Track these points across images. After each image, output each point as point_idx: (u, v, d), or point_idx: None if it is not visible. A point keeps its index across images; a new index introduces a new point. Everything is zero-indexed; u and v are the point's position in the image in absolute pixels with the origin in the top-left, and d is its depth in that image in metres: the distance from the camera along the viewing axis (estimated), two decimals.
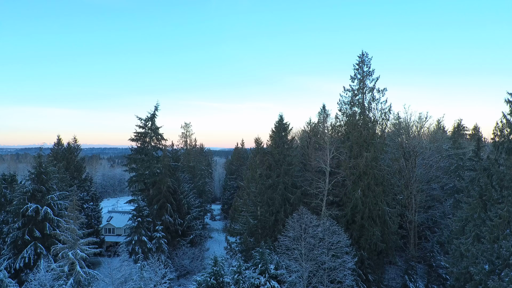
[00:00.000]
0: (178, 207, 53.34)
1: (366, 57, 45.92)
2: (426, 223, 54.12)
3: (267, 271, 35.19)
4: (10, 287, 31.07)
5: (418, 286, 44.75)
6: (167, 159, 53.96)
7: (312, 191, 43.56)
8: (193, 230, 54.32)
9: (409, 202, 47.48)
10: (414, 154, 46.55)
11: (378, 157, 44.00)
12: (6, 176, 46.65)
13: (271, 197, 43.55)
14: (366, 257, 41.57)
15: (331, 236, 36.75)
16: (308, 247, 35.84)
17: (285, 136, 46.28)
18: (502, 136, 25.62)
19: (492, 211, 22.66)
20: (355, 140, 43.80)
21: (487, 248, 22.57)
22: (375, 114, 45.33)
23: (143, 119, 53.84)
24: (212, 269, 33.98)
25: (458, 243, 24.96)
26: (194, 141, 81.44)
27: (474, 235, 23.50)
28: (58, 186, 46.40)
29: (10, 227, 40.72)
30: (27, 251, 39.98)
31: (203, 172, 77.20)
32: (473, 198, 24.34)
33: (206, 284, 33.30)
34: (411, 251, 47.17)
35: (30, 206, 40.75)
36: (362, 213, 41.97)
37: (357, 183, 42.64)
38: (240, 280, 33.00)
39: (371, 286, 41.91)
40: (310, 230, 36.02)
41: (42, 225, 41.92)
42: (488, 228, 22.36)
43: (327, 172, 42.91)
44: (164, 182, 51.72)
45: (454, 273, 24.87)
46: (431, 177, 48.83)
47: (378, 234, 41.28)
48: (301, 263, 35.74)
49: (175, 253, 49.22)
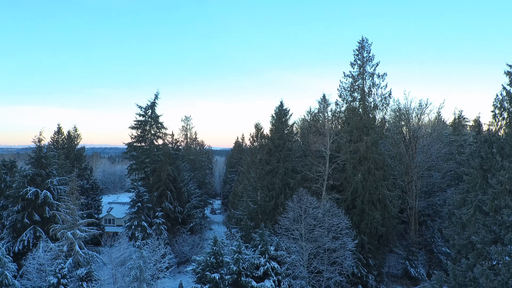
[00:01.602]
0: (178, 195, 53.24)
1: (366, 43, 45.95)
2: (426, 212, 53.93)
3: (267, 252, 35.01)
4: (8, 264, 30.93)
5: (419, 272, 44.54)
6: (168, 147, 53.92)
7: (312, 176, 43.45)
8: (193, 219, 54.18)
9: (410, 188, 47.33)
10: (415, 139, 46.46)
11: (378, 142, 43.93)
12: (6, 162, 46.62)
13: (271, 181, 43.45)
14: (367, 241, 41.35)
15: (331, 218, 36.63)
16: (308, 227, 35.72)
17: (285, 122, 46.23)
18: (502, 108, 25.55)
19: (494, 179, 22.55)
20: (355, 125, 43.73)
21: (489, 216, 22.46)
22: (375, 99, 45.30)
23: (143, 107, 53.87)
24: (212, 248, 33.82)
25: (459, 213, 24.80)
26: (194, 134, 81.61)
27: (476, 205, 23.37)
28: (58, 172, 46.35)
29: (9, 210, 40.61)
30: (26, 234, 39.85)
31: (203, 163, 77.18)
32: (474, 169, 24.24)
33: (205, 263, 33.15)
34: (412, 237, 46.96)
35: (29, 190, 40.68)
36: (363, 197, 41.81)
37: (357, 167, 42.51)
38: (240, 259, 32.81)
39: (372, 270, 41.67)
40: (310, 211, 35.92)
41: (41, 209, 41.82)
42: (489, 196, 22.23)
43: (327, 157, 42.81)
44: (164, 170, 51.65)
45: (456, 246, 24.70)
46: (431, 164, 48.68)
47: (378, 218, 41.11)
48: (301, 244, 35.62)
49: (175, 240, 49.07)
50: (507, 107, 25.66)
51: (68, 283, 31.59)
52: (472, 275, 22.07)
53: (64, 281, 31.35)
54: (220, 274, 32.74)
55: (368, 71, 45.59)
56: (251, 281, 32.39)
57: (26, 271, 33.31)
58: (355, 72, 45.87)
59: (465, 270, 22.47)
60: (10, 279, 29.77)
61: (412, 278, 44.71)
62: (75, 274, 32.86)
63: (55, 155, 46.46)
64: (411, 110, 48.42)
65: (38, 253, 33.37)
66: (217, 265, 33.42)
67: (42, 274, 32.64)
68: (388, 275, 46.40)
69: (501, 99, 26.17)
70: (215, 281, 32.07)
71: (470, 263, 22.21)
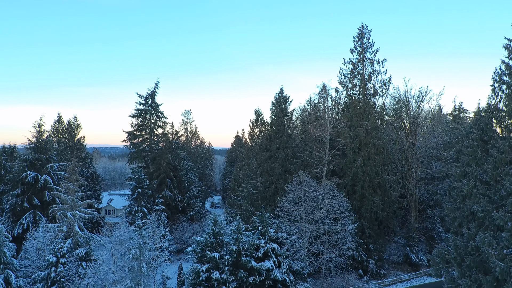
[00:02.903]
0: (178, 183, 53.14)
1: (366, 29, 46.06)
2: (427, 202, 53.79)
3: (267, 234, 34.80)
4: (7, 243, 30.83)
5: (420, 258, 44.36)
6: (168, 136, 53.88)
7: (312, 161, 43.39)
8: (193, 207, 54.02)
9: (410, 175, 47.23)
10: (415, 125, 46.42)
11: (378, 127, 43.94)
12: (6, 148, 46.58)
13: (271, 166, 43.38)
14: (367, 226, 41.25)
15: (331, 200, 36.54)
16: (308, 209, 35.63)
17: (285, 108, 46.21)
18: (501, 81, 25.52)
19: (494, 149, 22.49)
20: (355, 111, 43.75)
21: (490, 186, 22.38)
22: (375, 85, 45.35)
23: (143, 96, 53.91)
24: (212, 229, 33.68)
25: (460, 185, 24.72)
26: (194, 127, 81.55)
27: (476, 176, 23.29)
28: (58, 159, 46.32)
29: (9, 194, 40.57)
30: (25, 218, 39.80)
31: (203, 155, 77.15)
32: (473, 141, 24.18)
33: (205, 244, 33.00)
34: (412, 224, 46.80)
35: (29, 174, 40.67)
36: (363, 182, 41.75)
37: (357, 152, 42.48)
38: (240, 239, 32.63)
39: (372, 255, 41.53)
40: (310, 193, 35.83)
41: (41, 194, 41.80)
42: (490, 166, 22.16)
43: (327, 142, 42.75)
44: (165, 158, 51.60)
45: (457, 219, 24.57)
46: (431, 151, 48.59)
47: (378, 202, 41.03)
48: (301, 225, 35.50)
49: (175, 227, 48.92)
50: (506, 80, 25.65)
51: (67, 262, 31.50)
52: (474, 245, 21.96)
53: (63, 260, 31.28)
54: (220, 254, 32.61)
55: (368, 58, 45.67)
56: (251, 261, 32.20)
57: (25, 250, 33.18)
58: (354, 59, 45.96)
59: (466, 240, 22.37)
60: (8, 257, 29.64)
61: (413, 264, 44.53)
62: (75, 254, 32.76)
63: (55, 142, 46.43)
64: (411, 97, 48.42)
65: (37, 234, 33.27)
66: (217, 245, 33.28)
67: (41, 254, 32.55)
68: (389, 262, 46.22)
69: (500, 73, 26.13)
70: (214, 260, 31.91)
71: (471, 233, 22.10)
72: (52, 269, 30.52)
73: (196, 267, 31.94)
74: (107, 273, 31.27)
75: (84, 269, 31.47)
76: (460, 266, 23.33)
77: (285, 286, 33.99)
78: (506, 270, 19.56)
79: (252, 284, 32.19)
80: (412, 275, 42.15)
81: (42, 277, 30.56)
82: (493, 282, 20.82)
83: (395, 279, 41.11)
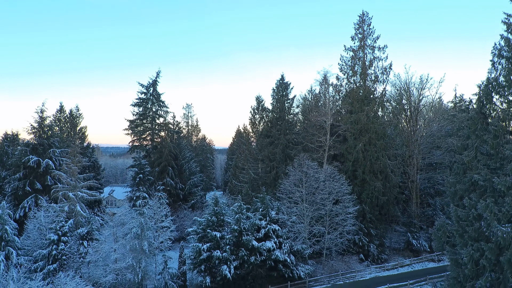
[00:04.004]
0: (179, 172, 53.21)
1: (367, 16, 46.25)
2: (428, 191, 53.76)
3: (268, 215, 34.85)
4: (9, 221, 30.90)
5: (421, 243, 44.27)
6: (169, 125, 54.03)
7: (313, 147, 43.43)
8: (194, 196, 54.06)
9: (411, 162, 47.23)
10: (415, 111, 46.50)
11: (379, 112, 44.06)
12: (8, 135, 46.78)
13: (272, 152, 43.46)
14: (368, 211, 41.20)
15: (332, 182, 36.59)
16: (309, 189, 35.65)
17: (286, 95, 46.35)
18: (500, 56, 25.57)
19: (494, 119, 22.52)
20: (356, 97, 43.85)
21: (490, 156, 22.39)
22: (376, 71, 45.47)
23: (145, 85, 54.08)
24: (213, 209, 33.78)
25: (460, 157, 24.74)
26: (196, 121, 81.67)
27: (477, 147, 23.33)
28: (60, 145, 46.45)
29: (11, 178, 40.72)
30: (27, 201, 39.92)
31: (205, 147, 77.34)
32: (474, 112, 24.30)
33: (207, 224, 33.07)
34: (414, 210, 46.74)
35: (31, 158, 40.85)
36: (363, 167, 41.77)
37: (358, 138, 42.54)
38: (241, 219, 32.66)
39: (373, 240, 41.46)
40: (311, 173, 35.87)
41: (43, 178, 41.96)
42: (490, 135, 22.17)
43: (327, 127, 42.81)
44: (166, 146, 51.73)
45: (458, 191, 24.60)
46: (432, 139, 48.60)
47: (379, 186, 41.01)
48: (302, 206, 35.49)
49: (176, 214, 48.91)
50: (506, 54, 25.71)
51: (68, 241, 31.54)
52: (476, 213, 21.93)
53: (64, 239, 31.33)
54: (221, 233, 32.66)
55: (368, 44, 45.82)
56: (252, 240, 32.23)
57: (26, 230, 33.27)
58: (355, 46, 46.10)
59: (468, 209, 22.36)
60: (10, 234, 29.72)
61: (414, 250, 44.41)
62: (76, 233, 32.81)
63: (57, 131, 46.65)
64: (412, 85, 48.50)
65: (39, 213, 33.37)
66: (218, 224, 33.36)
67: (42, 233, 32.61)
68: (390, 249, 46.10)
69: (499, 48, 26.18)
70: (216, 239, 31.97)
71: (473, 203, 22.10)
72: (53, 247, 30.56)
73: (198, 246, 32.01)
74: (109, 251, 31.34)
75: (85, 248, 31.51)
76: (462, 237, 23.27)
77: (286, 266, 33.99)
78: (508, 236, 19.53)
79: (253, 264, 32.20)
80: (414, 260, 42.04)
81: (43, 255, 30.60)
82: (496, 249, 20.77)
83: (396, 263, 41.00)
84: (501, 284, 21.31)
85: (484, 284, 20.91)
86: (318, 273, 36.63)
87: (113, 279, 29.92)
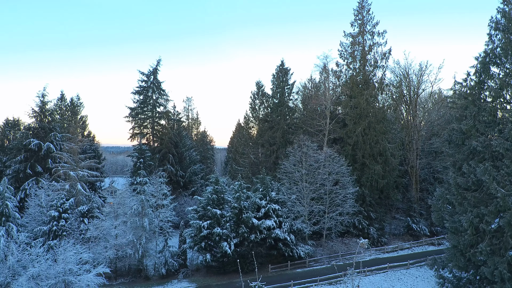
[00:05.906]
0: (180, 159, 53.34)
1: (366, 2, 46.51)
2: (427, 179, 53.80)
3: (268, 195, 34.93)
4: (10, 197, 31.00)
5: (421, 227, 44.30)
6: (169, 113, 54.21)
7: (313, 131, 43.56)
8: (194, 184, 54.14)
9: (411, 147, 47.34)
10: (415, 96, 46.69)
11: (378, 96, 44.23)
12: (10, 120, 46.98)
13: (272, 136, 43.60)
14: (368, 194, 41.27)
15: (332, 162, 36.70)
16: (309, 169, 35.75)
17: (286, 81, 46.55)
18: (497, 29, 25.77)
19: (491, 87, 22.68)
20: (355, 81, 44.05)
21: (488, 124, 22.52)
22: (375, 56, 45.69)
23: (146, 73, 54.30)
24: (213, 187, 33.88)
25: (459, 126, 24.82)
26: (196, 114, 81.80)
27: (474, 115, 23.39)
28: (61, 131, 46.62)
29: (12, 161, 40.85)
30: (28, 184, 40.02)
31: (205, 139, 77.48)
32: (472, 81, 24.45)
33: (207, 202, 33.17)
34: (413, 195, 46.80)
35: (32, 141, 41.02)
36: (363, 150, 41.87)
37: (358, 122, 42.67)
38: (241, 197, 32.75)
39: (373, 223, 41.51)
40: (311, 153, 35.99)
41: (44, 162, 42.12)
42: (486, 113, 22.42)
43: (327, 111, 42.96)
44: (166, 133, 51.90)
45: (457, 161, 24.68)
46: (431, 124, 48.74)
47: (379, 169, 41.09)
48: (302, 185, 35.56)
49: (177, 201, 48.90)
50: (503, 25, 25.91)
51: (69, 218, 31.65)
52: (475, 179, 22.05)
53: (65, 216, 31.46)
54: (221, 211, 32.75)
55: (368, 30, 46.08)
56: (252, 217, 32.32)
57: (28, 207, 33.37)
58: (355, 32, 46.31)
59: (467, 175, 22.47)
60: (11, 210, 29.81)
61: (414, 235, 44.47)
62: (77, 210, 32.93)
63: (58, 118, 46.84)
64: (411, 71, 48.71)
65: (40, 191, 33.49)
66: (219, 202, 33.46)
67: (43, 211, 32.72)
68: (390, 234, 46.16)
69: (496, 21, 26.43)
70: (216, 216, 32.05)
71: (471, 169, 22.21)
72: (54, 223, 30.69)
73: (198, 223, 32.11)
74: (109, 228, 31.43)
75: (86, 225, 31.61)
76: (462, 205, 23.39)
77: (286, 245, 34.05)
78: (507, 197, 19.65)
79: (254, 242, 32.28)
80: (413, 244, 42.09)
81: (44, 231, 30.73)
82: (495, 213, 20.89)
83: (396, 246, 41.03)
84: (501, 249, 21.42)
85: (484, 248, 20.97)
86: (318, 254, 36.67)
87: (114, 254, 30.01)
